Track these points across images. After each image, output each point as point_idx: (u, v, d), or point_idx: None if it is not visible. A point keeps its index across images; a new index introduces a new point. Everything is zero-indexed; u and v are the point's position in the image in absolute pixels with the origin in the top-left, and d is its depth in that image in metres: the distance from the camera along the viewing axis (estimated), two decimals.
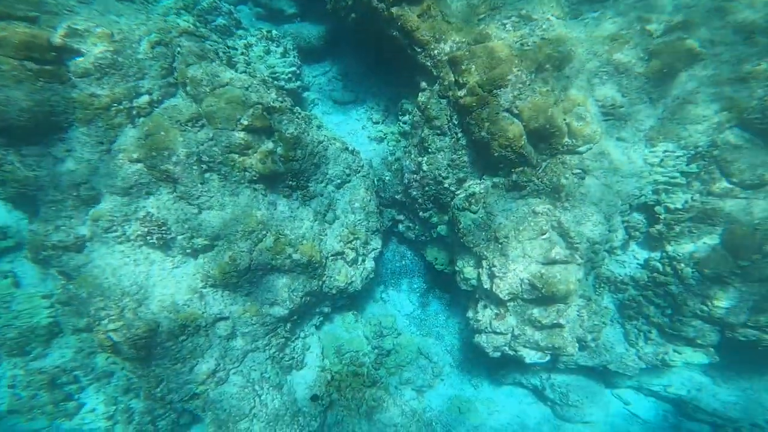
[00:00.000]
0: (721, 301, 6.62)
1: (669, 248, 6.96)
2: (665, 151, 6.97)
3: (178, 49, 5.90)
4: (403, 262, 8.64)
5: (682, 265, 6.82)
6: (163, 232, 5.48)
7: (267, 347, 6.79)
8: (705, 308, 6.76)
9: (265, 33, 7.63)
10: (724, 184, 6.65)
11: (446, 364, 8.51)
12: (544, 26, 7.17)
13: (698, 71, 6.67)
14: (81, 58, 5.19)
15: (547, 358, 6.78)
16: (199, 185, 5.70)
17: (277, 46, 7.49)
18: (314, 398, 7.36)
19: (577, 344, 6.73)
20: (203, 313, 5.98)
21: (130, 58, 5.52)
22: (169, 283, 5.80)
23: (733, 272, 6.49)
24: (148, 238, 5.43)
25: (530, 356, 6.70)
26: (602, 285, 7.34)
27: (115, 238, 5.45)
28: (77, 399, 7.53)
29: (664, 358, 7.38)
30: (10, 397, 7.33)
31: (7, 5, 4.84)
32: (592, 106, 7.10)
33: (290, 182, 6.51)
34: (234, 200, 6.03)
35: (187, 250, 5.82)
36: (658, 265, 7.06)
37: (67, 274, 5.58)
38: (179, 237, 5.66)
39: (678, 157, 6.93)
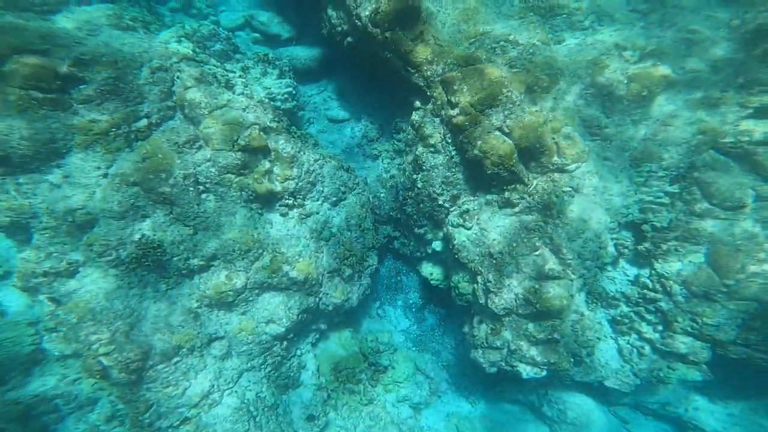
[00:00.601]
0: (710, 318, 6.74)
1: (657, 265, 7.10)
2: (649, 171, 7.21)
3: (178, 73, 6.03)
4: (399, 278, 8.68)
5: (671, 282, 6.96)
6: (159, 254, 5.49)
7: (263, 366, 6.74)
8: (695, 325, 6.87)
9: (262, 56, 7.83)
10: (705, 204, 6.86)
11: (443, 381, 8.47)
12: (530, 50, 7.47)
13: (673, 95, 7.02)
14: (84, 86, 5.30)
15: (543, 373, 6.81)
16: (196, 206, 5.75)
17: (273, 68, 7.67)
18: (310, 418, 7.28)
19: (572, 359, 6.77)
20: (198, 333, 5.95)
21: (131, 84, 5.64)
22: (163, 305, 5.78)
23: (720, 290, 6.65)
24: (143, 260, 5.43)
25: (527, 371, 6.73)
26: (594, 301, 7.43)
27: (109, 262, 5.45)
28: (53, 430, 7.31)
29: (659, 375, 7.42)
30: None
31: (25, 40, 4.96)
32: (578, 125, 7.37)
33: (287, 201, 6.58)
34: (230, 220, 6.08)
35: (183, 271, 5.82)
36: (648, 281, 7.19)
37: (57, 300, 5.54)
38: (174, 258, 5.67)
39: (661, 177, 7.16)
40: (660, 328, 7.17)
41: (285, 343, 6.87)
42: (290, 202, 6.77)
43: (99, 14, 5.91)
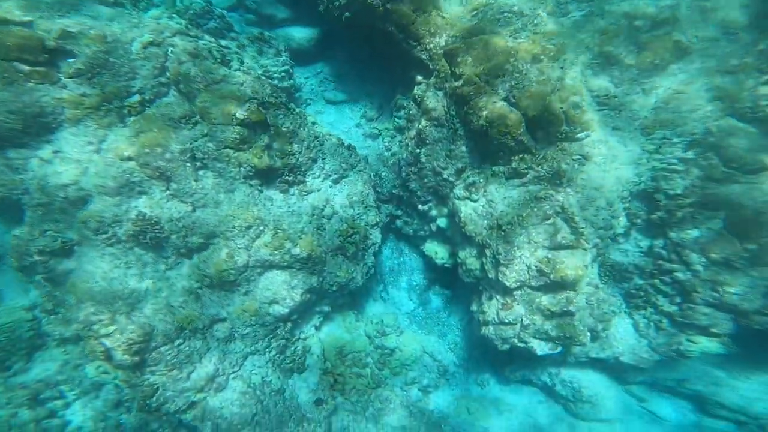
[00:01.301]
0: (732, 287, 6.47)
1: (672, 234, 6.84)
2: (662, 138, 6.95)
3: (171, 48, 5.84)
4: (402, 259, 8.47)
5: (687, 251, 6.70)
6: (157, 231, 5.31)
7: (267, 350, 6.55)
8: (716, 295, 6.60)
9: (257, 35, 7.63)
10: (723, 169, 6.60)
11: (451, 363, 8.25)
12: (535, 21, 7.23)
13: (687, 63, 6.75)
14: (73, 60, 5.12)
15: (559, 348, 6.58)
16: (193, 182, 5.57)
17: (269, 47, 7.47)
18: (318, 402, 7.08)
19: (588, 333, 6.54)
20: (200, 314, 5.77)
21: (122, 59, 5.46)
22: (163, 284, 5.60)
23: (742, 257, 6.37)
24: (141, 238, 5.25)
25: (541, 347, 6.50)
26: (607, 273, 7.18)
27: (105, 240, 5.27)
28: (62, 416, 7.18)
29: (679, 349, 7.17)
30: None
31: (4, 10, 4.83)
32: (586, 96, 7.13)
33: (287, 177, 6.39)
34: (229, 197, 5.89)
35: (182, 250, 5.64)
36: (663, 252, 6.93)
37: (54, 281, 5.37)
38: (173, 236, 5.49)
39: (674, 144, 6.90)
40: (678, 300, 6.91)
41: (289, 325, 6.67)
42: (291, 178, 6.57)
43: None
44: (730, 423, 8.49)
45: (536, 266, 6.03)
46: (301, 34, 8.72)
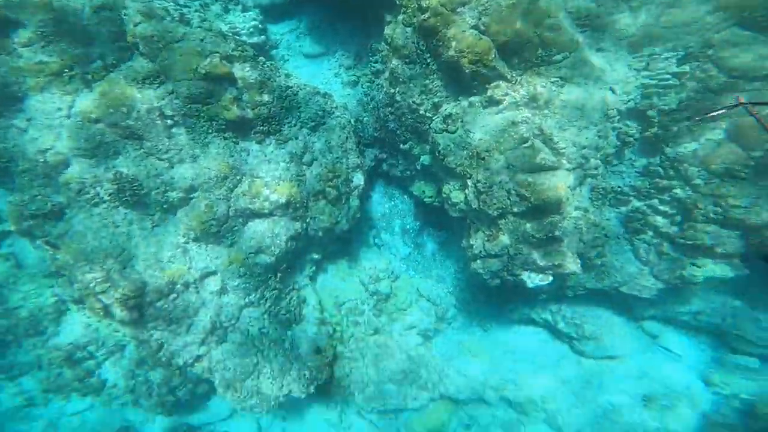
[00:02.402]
0: (737, 199, 6.07)
1: (668, 150, 6.45)
2: (651, 55, 6.47)
3: (124, 11, 5.86)
4: (393, 203, 8.41)
5: (686, 165, 6.31)
6: (136, 188, 5.50)
7: (261, 301, 6.76)
8: (718, 209, 6.23)
9: None
10: (724, 79, 6.09)
11: (450, 306, 8.24)
12: None
13: None
14: (23, 29, 5.24)
15: (550, 279, 6.43)
16: (166, 140, 5.68)
17: (236, 5, 7.39)
18: (317, 351, 7.30)
19: (579, 261, 6.35)
20: (189, 268, 6.00)
21: (75, 25, 5.52)
22: (151, 241, 5.83)
23: (746, 165, 5.94)
24: (122, 196, 5.46)
25: (531, 279, 6.37)
26: (600, 198, 6.89)
27: (89, 200, 5.51)
28: (98, 375, 7.80)
29: (683, 275, 6.83)
30: (42, 378, 7.66)
31: None
32: (564, 18, 6.66)
33: (261, 128, 6.43)
34: (205, 151, 6.00)
35: (164, 206, 5.83)
36: (659, 169, 6.56)
37: (53, 244, 5.70)
38: (153, 192, 5.67)
39: (666, 59, 6.41)
40: (678, 219, 6.57)
41: (279, 275, 6.83)
42: (265, 128, 6.59)
43: None
44: (753, 358, 8.12)
45: (516, 191, 5.85)
46: None
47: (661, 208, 6.61)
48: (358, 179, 7.44)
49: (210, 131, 5.98)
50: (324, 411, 8.69)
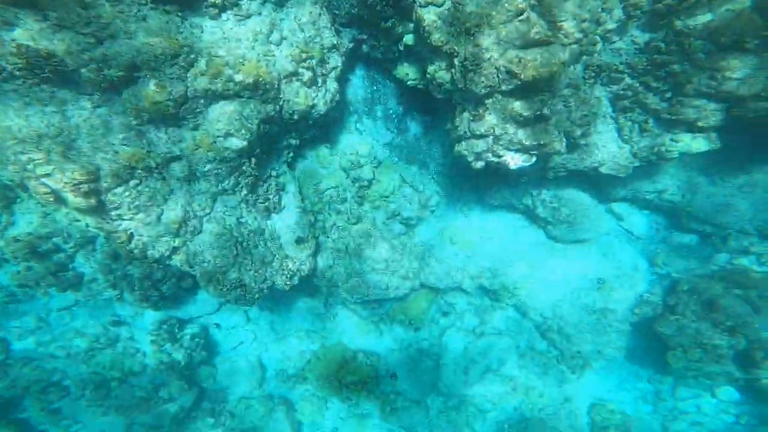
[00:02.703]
0: (735, 71, 5.81)
1: (678, 23, 5.91)
2: None
3: None
4: (375, 87, 7.75)
5: (691, 39, 5.86)
6: (56, 64, 4.63)
7: (236, 189, 6.42)
8: (713, 83, 5.99)
9: None
10: None
11: (434, 193, 8.23)
12: None
13: None
14: None
15: (533, 160, 6.31)
16: (81, 10, 4.64)
17: None
18: (299, 241, 7.29)
19: (564, 140, 6.19)
20: (148, 152, 5.45)
21: None
22: (96, 122, 5.15)
23: (758, 35, 5.55)
24: (39, 72, 4.61)
25: (515, 160, 6.23)
26: (593, 76, 6.49)
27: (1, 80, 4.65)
28: (73, 269, 7.64)
29: (660, 150, 6.88)
30: (12, 272, 7.44)
31: None
32: None
33: (215, 0, 5.39)
34: (142, 25, 5.01)
35: (103, 84, 5.03)
36: (662, 44, 6.10)
37: None
38: (83, 70, 4.82)
39: None
40: (668, 95, 6.35)
41: (254, 160, 6.39)
42: (219, 2, 5.54)
43: None
44: (692, 235, 8.69)
45: (506, 67, 5.34)
46: None
47: (654, 84, 6.32)
48: (335, 60, 6.61)
49: (144, 3, 4.95)
50: (310, 302, 9.15)
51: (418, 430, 9.13)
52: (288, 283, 7.32)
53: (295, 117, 6.35)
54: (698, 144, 6.69)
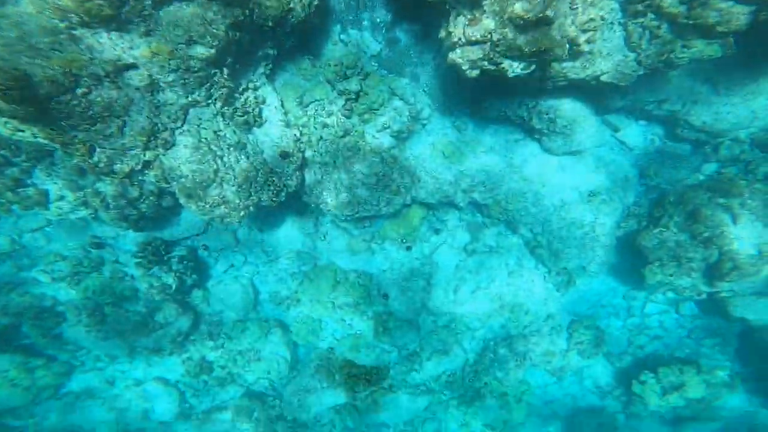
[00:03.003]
0: None
1: None
2: None
3: None
4: None
5: None
6: None
7: (209, 101, 5.76)
8: None
9: None
10: None
11: (425, 106, 7.66)
12: None
13: None
14: None
15: (532, 68, 5.78)
16: None
17: None
18: (284, 155, 6.83)
19: (567, 45, 5.60)
20: (91, 58, 4.64)
21: None
22: (5, 23, 4.22)
23: None
24: None
25: (513, 68, 5.68)
26: None
27: None
28: (32, 184, 7.09)
29: (669, 57, 6.38)
30: None
31: None
32: None
33: None
34: None
35: None
36: None
37: None
38: None
39: None
40: None
41: (226, 70, 5.63)
42: None
43: None
44: (686, 144, 8.56)
45: None
46: None
47: None
48: None
49: None
50: (299, 221, 8.94)
51: (409, 348, 9.60)
52: (275, 198, 7.02)
53: (270, 23, 5.44)
54: (712, 50, 6.21)
